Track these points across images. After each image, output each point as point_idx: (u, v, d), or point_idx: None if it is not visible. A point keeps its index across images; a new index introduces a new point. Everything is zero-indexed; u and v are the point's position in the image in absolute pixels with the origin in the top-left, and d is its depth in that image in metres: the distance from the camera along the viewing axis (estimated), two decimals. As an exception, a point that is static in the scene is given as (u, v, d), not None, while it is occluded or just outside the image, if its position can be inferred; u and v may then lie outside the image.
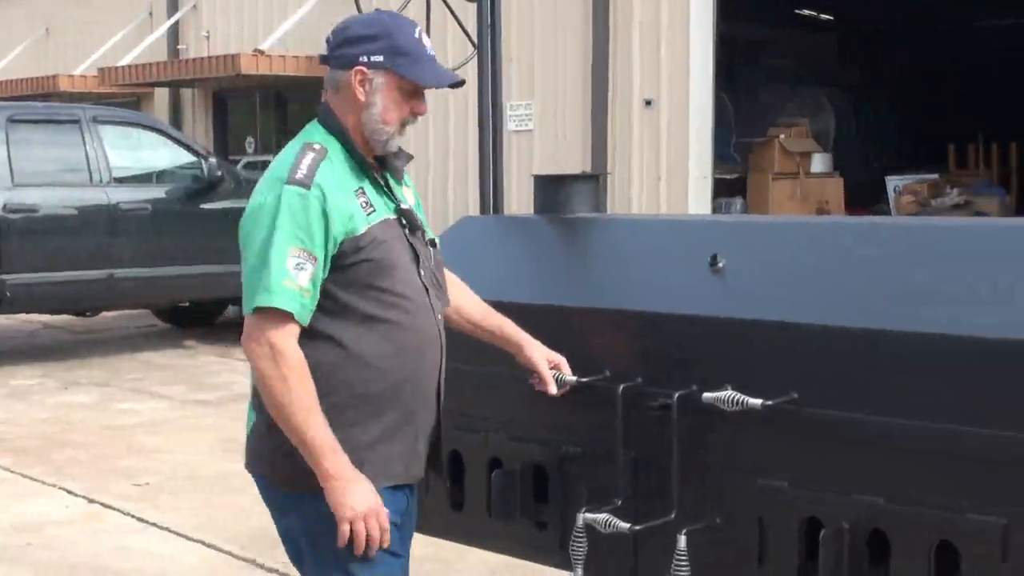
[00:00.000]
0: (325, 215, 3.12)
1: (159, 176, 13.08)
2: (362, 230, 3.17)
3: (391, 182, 3.33)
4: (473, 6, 4.57)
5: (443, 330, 3.37)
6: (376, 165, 3.30)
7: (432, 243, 3.41)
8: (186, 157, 13.13)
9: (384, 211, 3.25)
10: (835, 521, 3.20)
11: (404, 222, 3.29)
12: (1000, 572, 2.97)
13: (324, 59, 3.30)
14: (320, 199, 3.12)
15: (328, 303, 3.16)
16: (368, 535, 3.14)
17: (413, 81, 3.24)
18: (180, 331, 14.25)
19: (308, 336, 3.15)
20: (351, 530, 3.12)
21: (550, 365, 3.52)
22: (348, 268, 3.16)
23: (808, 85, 17.85)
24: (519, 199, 10.33)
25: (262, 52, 16.39)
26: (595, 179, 4.40)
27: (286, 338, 3.10)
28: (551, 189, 4.21)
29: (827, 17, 21.35)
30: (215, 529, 6.74)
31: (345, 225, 3.15)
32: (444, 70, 3.32)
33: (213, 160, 12.99)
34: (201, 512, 7.11)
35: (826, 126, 16.67)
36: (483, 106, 4.65)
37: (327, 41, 3.30)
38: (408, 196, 3.38)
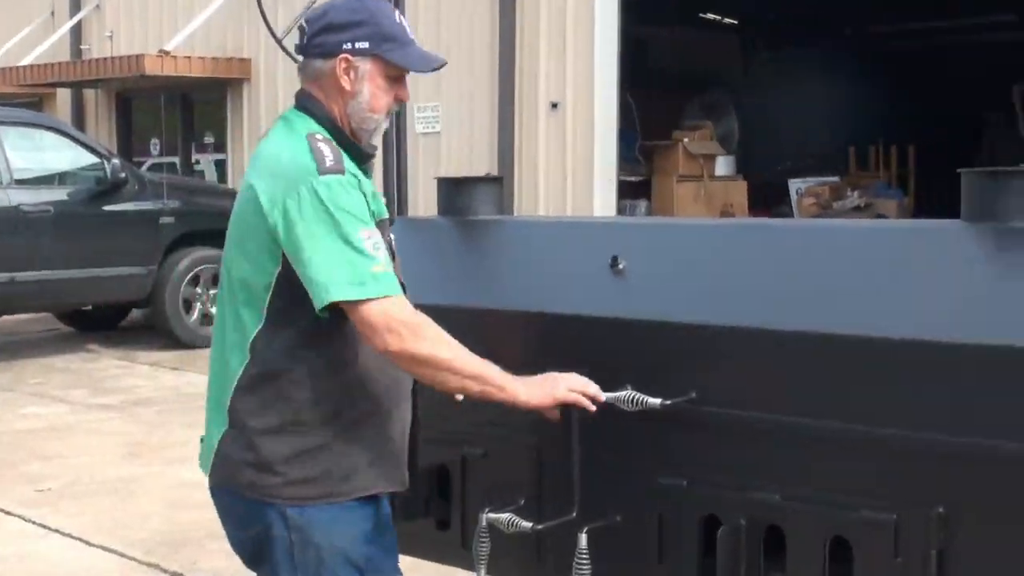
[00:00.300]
0: (365, 197, 3.06)
1: (61, 178, 12.92)
2: (378, 217, 3.12)
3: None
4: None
5: None
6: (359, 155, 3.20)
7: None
8: (89, 159, 12.98)
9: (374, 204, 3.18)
10: (733, 518, 3.25)
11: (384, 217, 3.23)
12: (892, 567, 3.04)
13: (301, 48, 3.19)
14: (356, 183, 3.05)
15: (302, 292, 3.05)
16: (585, 394, 3.18)
17: (401, 67, 3.17)
18: (82, 335, 14.10)
19: (319, 332, 3.07)
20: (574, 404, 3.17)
21: None
22: None
23: (712, 88, 18.02)
24: (426, 202, 10.34)
25: (167, 53, 16.25)
26: (498, 181, 4.43)
27: (406, 309, 3.01)
28: (454, 191, 4.23)
29: (731, 21, 21.58)
30: (118, 534, 6.69)
31: (375, 210, 3.10)
32: (428, 53, 3.23)
33: (116, 162, 12.86)
34: (104, 517, 7.05)
35: (730, 129, 16.85)
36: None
37: (301, 30, 3.20)
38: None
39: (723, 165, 16.02)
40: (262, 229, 3.05)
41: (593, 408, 3.23)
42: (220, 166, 17.85)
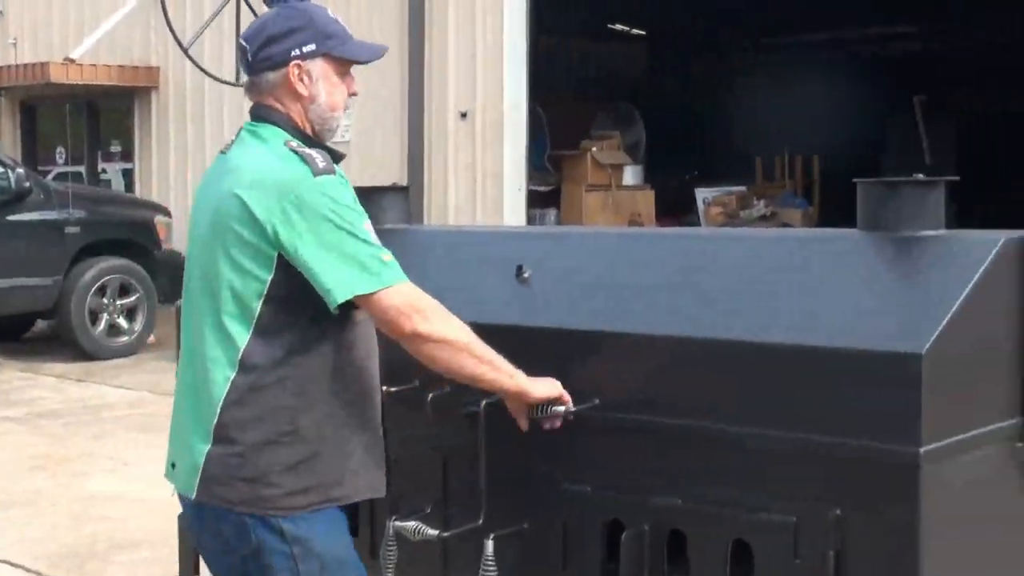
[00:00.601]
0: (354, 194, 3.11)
1: (-37, 187, 12.73)
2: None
3: None
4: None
5: None
6: None
7: None
8: (-8, 168, 12.81)
9: None
10: (636, 523, 3.30)
11: None
12: (791, 568, 3.10)
13: (248, 67, 3.20)
14: (346, 182, 3.09)
15: (298, 299, 3.07)
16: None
17: (350, 60, 3.20)
18: (-14, 346, 13.89)
19: (308, 341, 3.09)
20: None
21: None
22: None
23: (621, 98, 18.16)
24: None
25: (72, 60, 16.07)
26: (404, 191, 4.46)
27: (421, 294, 3.06)
28: (361, 201, 4.23)
29: (639, 31, 21.77)
30: (23, 548, 6.61)
31: None
32: (369, 43, 3.28)
33: (21, 171, 12.68)
34: (9, 531, 6.97)
35: (638, 139, 16.98)
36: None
37: (242, 50, 3.22)
38: None
39: (631, 174, 16.15)
40: (254, 238, 3.04)
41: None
42: (127, 175, 17.67)
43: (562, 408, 3.31)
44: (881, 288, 3.25)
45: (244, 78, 3.27)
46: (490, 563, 3.45)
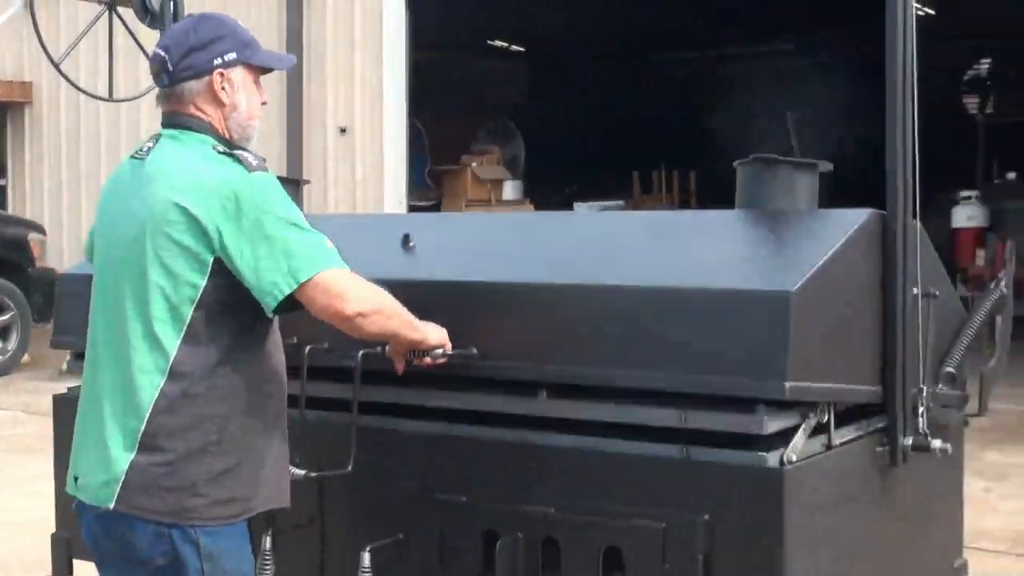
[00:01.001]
0: None
1: None
2: None
3: None
4: (157, 33, 4.58)
5: None
6: None
7: None
8: None
9: None
10: (510, 532, 3.35)
11: None
12: (662, 572, 3.17)
13: (167, 77, 3.20)
14: (277, 181, 3.13)
15: (229, 304, 3.08)
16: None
17: (267, 67, 3.26)
18: None
19: (237, 350, 3.10)
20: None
21: None
22: None
23: (501, 113, 18.26)
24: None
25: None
26: (296, 183, 4.45)
27: (358, 276, 3.10)
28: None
29: (518, 48, 21.91)
30: None
31: None
32: (279, 52, 3.34)
33: None
34: None
35: (516, 154, 17.09)
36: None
37: (160, 61, 3.21)
38: None
39: (511, 189, 16.25)
40: (193, 243, 3.03)
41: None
42: (0, 192, 17.37)
43: (440, 350, 3.36)
44: (754, 251, 3.38)
45: (154, 91, 3.26)
46: (367, 574, 3.47)
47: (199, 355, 3.07)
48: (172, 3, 4.47)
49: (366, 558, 3.48)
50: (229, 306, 3.08)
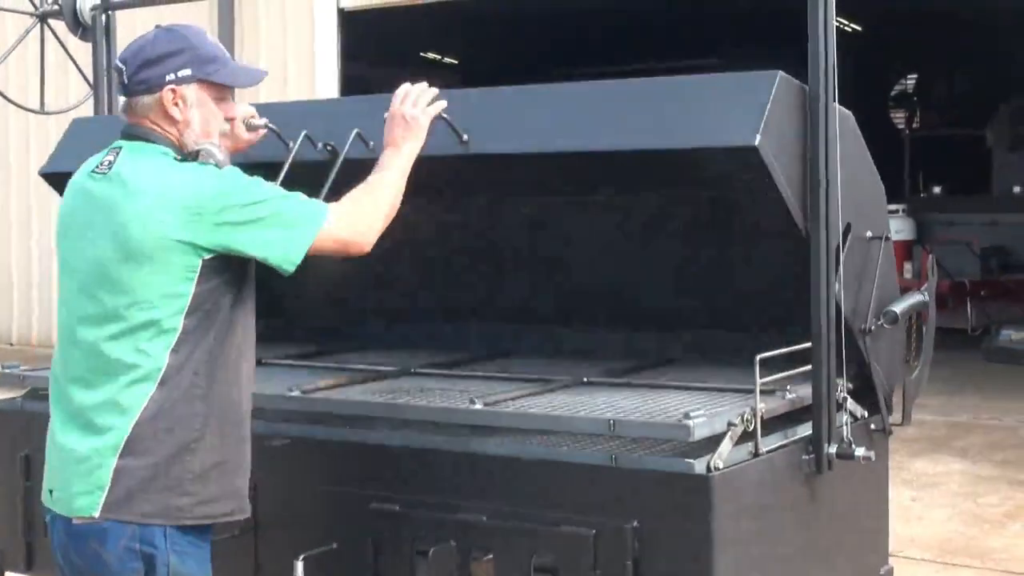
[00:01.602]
0: None
1: None
2: None
3: None
4: (89, 45, 4.57)
5: None
6: None
7: None
8: None
9: None
10: (443, 540, 3.39)
11: None
12: (592, 579, 3.23)
13: (123, 88, 3.19)
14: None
15: (216, 306, 3.08)
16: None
17: (228, 85, 3.20)
18: None
19: (218, 350, 3.09)
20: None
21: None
22: (233, 269, 3.10)
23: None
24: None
25: None
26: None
27: (342, 223, 3.14)
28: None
29: (451, 60, 21.97)
30: None
31: None
32: (250, 68, 3.29)
33: None
34: None
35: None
36: (100, 147, 4.67)
37: (118, 72, 3.20)
38: None
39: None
40: (178, 254, 3.01)
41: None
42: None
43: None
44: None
45: (86, 103, 3.26)
46: (300, 584, 3.49)
47: (183, 361, 3.05)
48: (104, 16, 4.47)
49: (299, 567, 3.49)
50: (211, 311, 3.07)
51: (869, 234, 3.85)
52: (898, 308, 3.82)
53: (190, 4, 5.15)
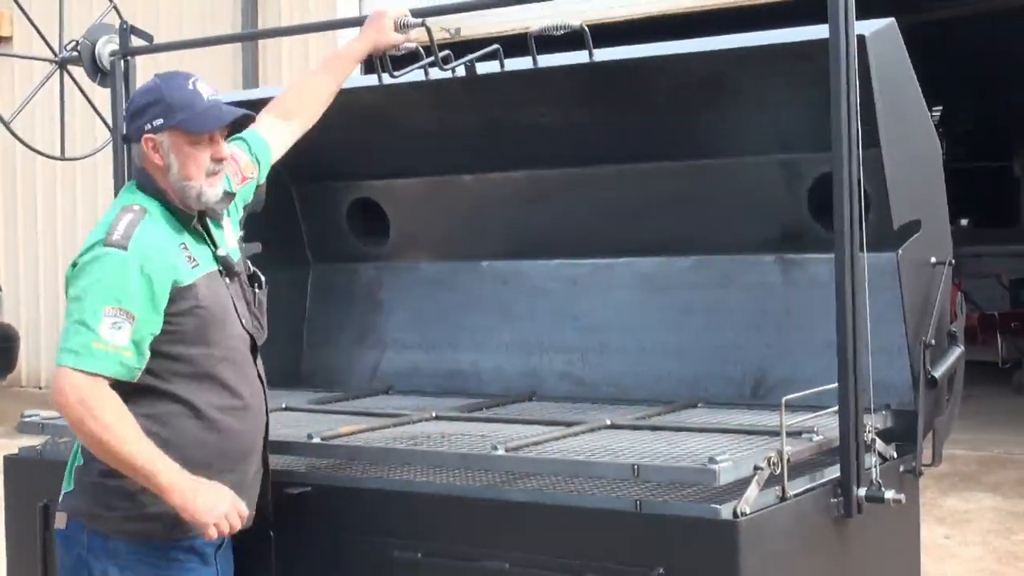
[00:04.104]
0: (145, 274, 3.17)
1: None
2: (187, 282, 3.24)
3: (212, 228, 3.40)
4: (107, 91, 4.56)
5: (263, 377, 3.45)
6: (195, 217, 3.36)
7: (255, 280, 3.50)
8: None
9: (208, 264, 3.33)
10: None
11: (222, 269, 3.36)
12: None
13: (124, 138, 3.49)
14: (138, 258, 3.18)
15: (158, 357, 3.21)
16: (231, 527, 3.22)
17: (196, 132, 3.29)
18: None
19: (136, 390, 3.20)
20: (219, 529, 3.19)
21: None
22: (177, 322, 3.22)
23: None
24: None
25: None
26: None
27: (95, 388, 3.12)
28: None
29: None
30: None
31: (169, 280, 3.21)
32: (221, 111, 3.33)
33: None
34: None
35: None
36: (118, 189, 4.64)
37: (125, 121, 3.45)
38: (229, 235, 3.46)
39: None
40: None
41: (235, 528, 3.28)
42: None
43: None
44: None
45: (107, 148, 3.42)
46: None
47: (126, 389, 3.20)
48: (123, 62, 4.45)
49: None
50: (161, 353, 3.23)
51: (933, 259, 3.83)
52: (938, 372, 3.79)
53: (215, 46, 5.13)
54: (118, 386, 3.17)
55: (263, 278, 3.53)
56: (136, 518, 3.23)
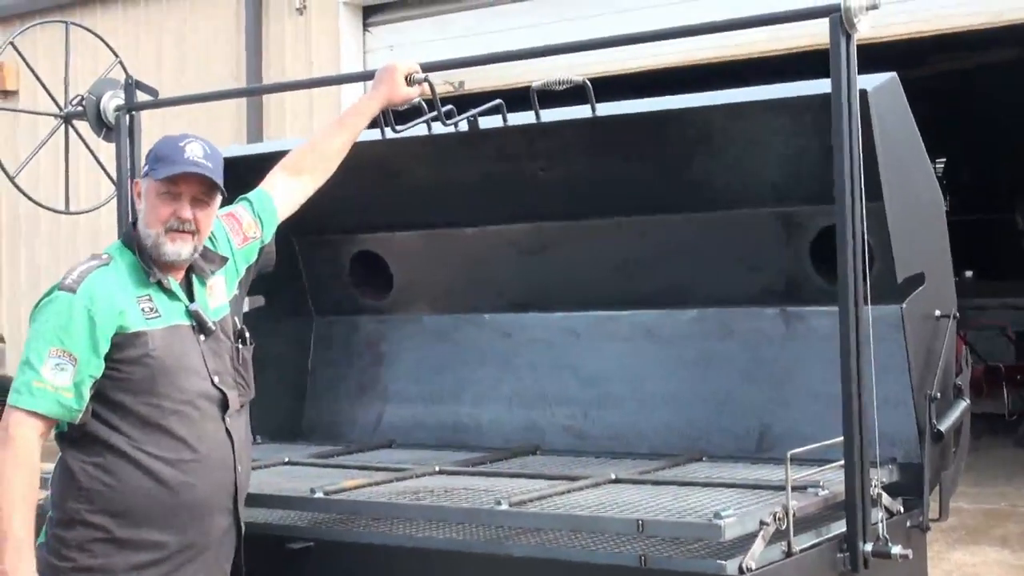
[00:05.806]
0: (90, 317, 3.19)
1: None
2: (135, 329, 3.24)
3: (195, 284, 3.39)
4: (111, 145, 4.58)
5: (239, 437, 3.38)
6: (161, 272, 3.34)
7: (241, 337, 3.46)
8: None
9: (176, 317, 3.31)
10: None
11: (195, 324, 3.34)
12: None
13: None
14: (85, 300, 3.20)
15: (106, 405, 3.22)
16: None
17: (157, 180, 3.31)
18: None
19: (85, 437, 3.22)
20: None
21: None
22: (125, 370, 3.22)
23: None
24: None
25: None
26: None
27: (22, 428, 3.15)
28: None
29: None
30: None
31: (114, 325, 3.22)
32: (188, 166, 3.32)
33: None
34: None
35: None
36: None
37: None
38: (217, 293, 3.44)
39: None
40: None
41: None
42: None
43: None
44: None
45: (111, 202, 3.42)
46: None
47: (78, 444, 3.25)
48: (128, 117, 4.46)
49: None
50: (109, 401, 3.24)
51: (937, 312, 3.82)
52: (944, 425, 3.77)
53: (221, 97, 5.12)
54: (70, 431, 3.21)
55: (248, 335, 3.49)
56: (84, 569, 3.22)
